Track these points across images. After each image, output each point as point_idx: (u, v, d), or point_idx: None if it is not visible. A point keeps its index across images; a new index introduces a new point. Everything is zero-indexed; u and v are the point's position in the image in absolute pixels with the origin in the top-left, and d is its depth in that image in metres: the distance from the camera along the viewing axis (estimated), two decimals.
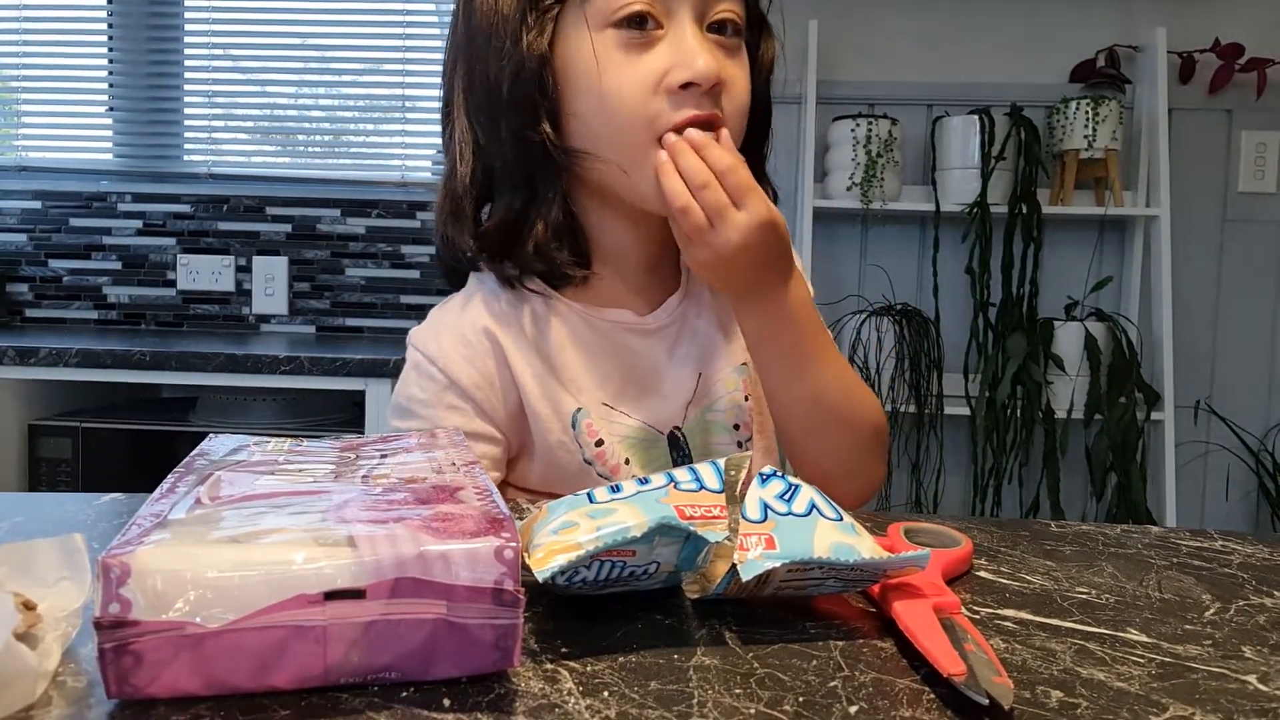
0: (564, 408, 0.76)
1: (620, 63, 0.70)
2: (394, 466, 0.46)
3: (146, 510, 0.38)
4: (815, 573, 0.43)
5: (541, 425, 0.75)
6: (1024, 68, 2.18)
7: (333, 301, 2.34)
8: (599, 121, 0.72)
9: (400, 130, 2.37)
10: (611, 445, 0.76)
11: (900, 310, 2.08)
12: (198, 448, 0.49)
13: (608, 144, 0.72)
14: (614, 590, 0.45)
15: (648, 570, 0.43)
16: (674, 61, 0.69)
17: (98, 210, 2.35)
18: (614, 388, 0.77)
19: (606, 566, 0.42)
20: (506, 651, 0.35)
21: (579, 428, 0.76)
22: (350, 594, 0.33)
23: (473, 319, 0.77)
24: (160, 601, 0.32)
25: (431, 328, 0.79)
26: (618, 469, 0.76)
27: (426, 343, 0.77)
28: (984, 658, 0.37)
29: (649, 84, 0.70)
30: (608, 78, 0.70)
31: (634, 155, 0.71)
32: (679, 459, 0.79)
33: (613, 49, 0.70)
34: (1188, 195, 2.15)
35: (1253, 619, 0.46)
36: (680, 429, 0.79)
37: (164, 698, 0.33)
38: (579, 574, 0.42)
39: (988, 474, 2.03)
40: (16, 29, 2.36)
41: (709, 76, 0.69)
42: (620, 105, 0.70)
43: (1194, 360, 2.20)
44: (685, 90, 0.69)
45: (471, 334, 0.76)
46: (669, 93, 0.69)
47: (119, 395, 2.07)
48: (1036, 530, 0.61)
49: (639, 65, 0.70)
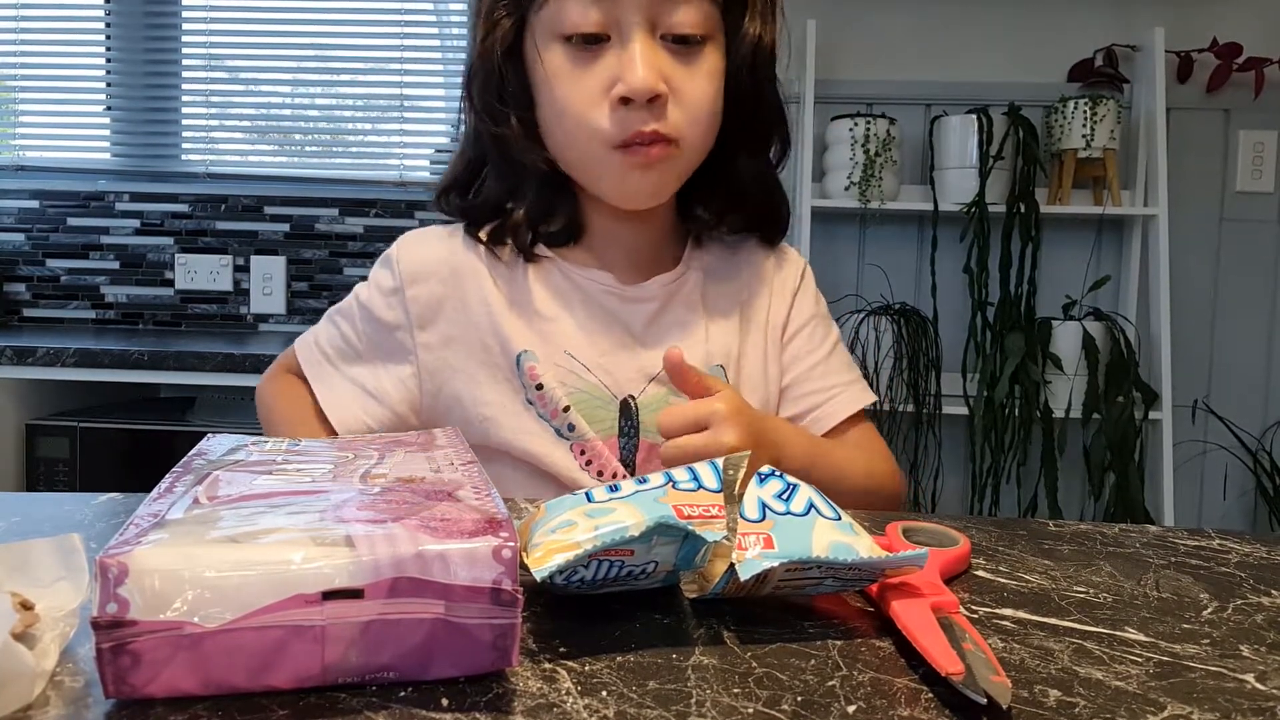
0: (511, 345, 0.79)
1: (568, 75, 0.74)
2: (392, 466, 0.46)
3: (144, 510, 0.38)
4: (813, 572, 0.43)
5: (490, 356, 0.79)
6: (1022, 67, 2.18)
7: (331, 301, 2.31)
8: (557, 127, 0.76)
9: (398, 130, 2.37)
10: (552, 390, 0.78)
11: (898, 310, 2.08)
12: (196, 448, 0.49)
13: (566, 148, 0.77)
14: (612, 590, 0.45)
15: (645, 570, 0.43)
16: (616, 76, 0.72)
17: (95, 210, 2.35)
18: (579, 340, 0.80)
19: (605, 566, 0.42)
20: (505, 651, 0.35)
21: (521, 368, 0.78)
22: (348, 594, 0.33)
23: (449, 247, 0.82)
24: (158, 601, 0.32)
25: (416, 235, 0.85)
26: (555, 413, 0.78)
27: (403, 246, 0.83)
28: (982, 657, 0.37)
29: (593, 97, 0.73)
30: (559, 89, 0.74)
31: (589, 161, 0.76)
32: (625, 427, 0.79)
33: (563, 60, 0.74)
34: (1185, 195, 2.15)
35: (1250, 618, 0.46)
36: (635, 398, 0.80)
37: (161, 697, 0.33)
38: (577, 574, 0.42)
39: (986, 473, 2.03)
40: (14, 28, 2.36)
41: (644, 90, 0.71)
42: (568, 116, 0.74)
43: (1192, 359, 2.20)
44: (625, 104, 0.72)
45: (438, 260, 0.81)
46: (611, 106, 0.72)
47: (117, 395, 2.07)
48: (1034, 529, 0.61)
49: (585, 78, 0.73)
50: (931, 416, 2.06)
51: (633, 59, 0.71)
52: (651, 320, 0.82)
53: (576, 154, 0.77)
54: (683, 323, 0.82)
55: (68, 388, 1.93)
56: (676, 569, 0.45)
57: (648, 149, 0.73)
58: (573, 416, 0.78)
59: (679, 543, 0.43)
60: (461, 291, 0.80)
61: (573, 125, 0.74)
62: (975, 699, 0.35)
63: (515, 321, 0.79)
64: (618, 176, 0.75)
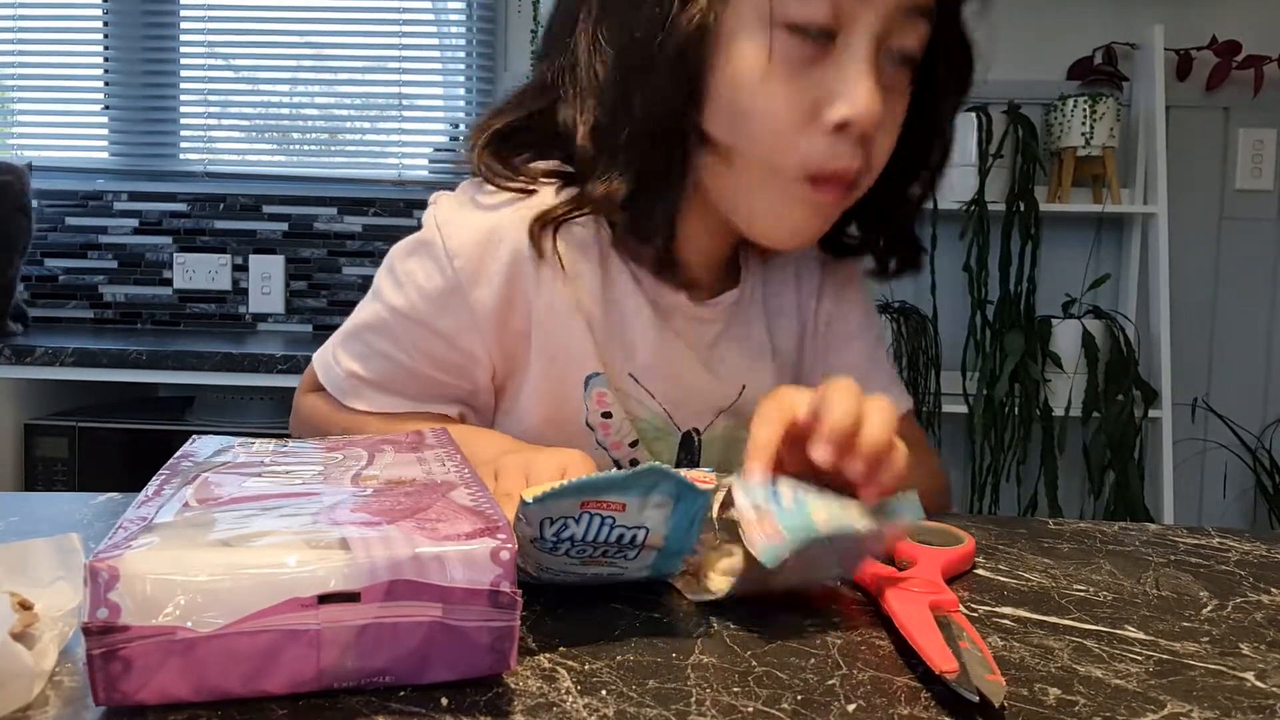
0: (581, 363, 0.67)
1: (781, 76, 0.60)
2: (383, 467, 0.46)
3: (132, 514, 0.37)
4: (813, 552, 0.44)
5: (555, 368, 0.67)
6: (1021, 65, 2.18)
7: (329, 300, 2.33)
8: (743, 127, 0.62)
9: (397, 128, 2.37)
10: (619, 422, 0.69)
11: (898, 308, 2.08)
12: (182, 449, 0.49)
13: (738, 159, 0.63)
14: (601, 567, 0.44)
15: (635, 537, 0.43)
16: (835, 91, 0.60)
17: (94, 209, 2.35)
18: (646, 362, 0.69)
19: (595, 522, 0.41)
20: (503, 655, 0.35)
21: (589, 391, 0.68)
22: (344, 597, 0.33)
23: (514, 238, 0.65)
24: (150, 606, 0.31)
25: (459, 211, 0.67)
26: (618, 445, 0.69)
27: (451, 228, 0.66)
28: (978, 655, 0.37)
29: (803, 112, 0.61)
30: (764, 88, 0.60)
31: (764, 185, 0.63)
32: (685, 461, 0.72)
33: (779, 53, 0.60)
34: (1185, 193, 2.15)
35: (1250, 616, 0.46)
36: (699, 432, 0.72)
37: (152, 704, 0.33)
38: (567, 529, 0.41)
39: (985, 472, 2.03)
40: (12, 28, 2.35)
41: (872, 121, 0.60)
42: (768, 126, 0.61)
43: (1191, 358, 2.20)
44: (839, 132, 0.60)
45: (503, 247, 0.65)
46: (823, 132, 0.60)
47: (115, 394, 2.07)
48: (1034, 528, 0.61)
49: (796, 85, 0.60)
50: (931, 415, 2.06)
51: (863, 77, 0.59)
52: (716, 341, 0.72)
53: (749, 171, 0.63)
54: (753, 344, 0.73)
55: (66, 387, 1.93)
56: (666, 549, 0.44)
57: (838, 189, 0.63)
58: (639, 453, 0.70)
59: (671, 507, 0.42)
60: (523, 285, 0.66)
61: (767, 137, 0.61)
62: (968, 697, 0.35)
63: (581, 333, 0.67)
64: (790, 210, 0.64)
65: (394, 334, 0.68)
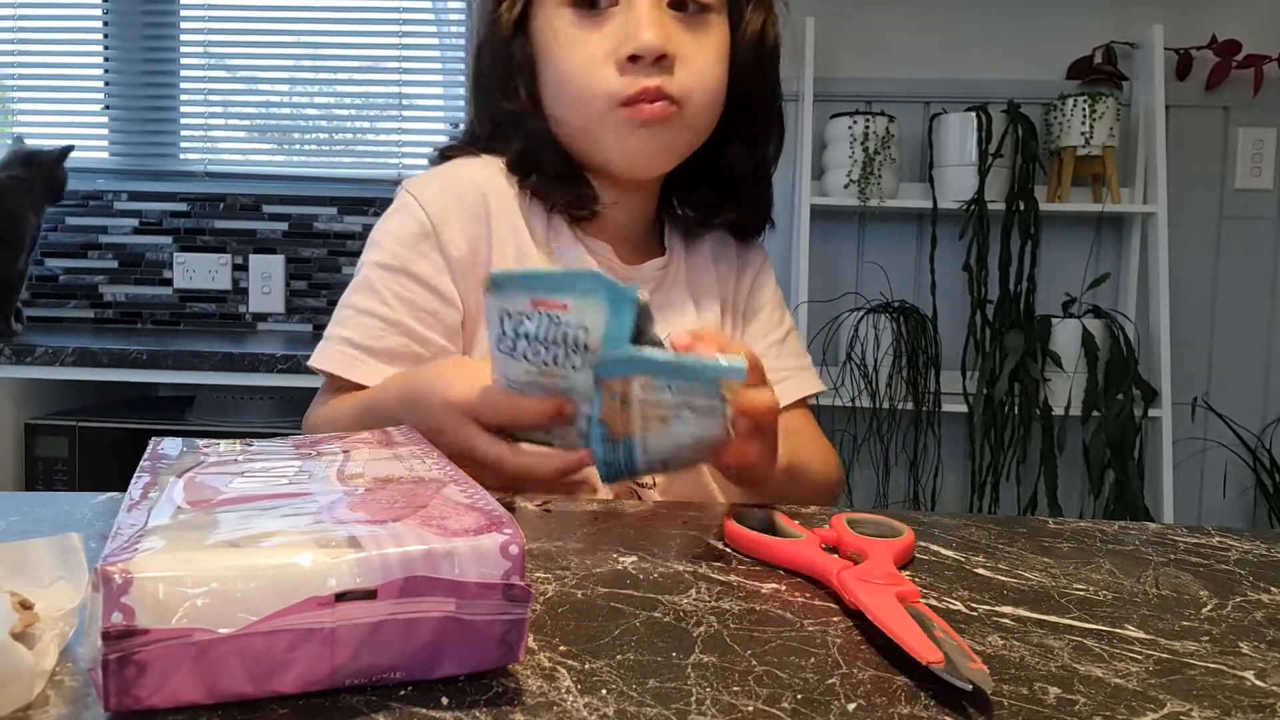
0: None
1: (574, 39, 0.75)
2: (365, 465, 0.46)
3: (125, 519, 0.37)
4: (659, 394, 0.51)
5: None
6: (1021, 65, 2.18)
7: (329, 300, 2.33)
8: (561, 93, 0.76)
9: (397, 128, 2.37)
10: None
11: (898, 308, 2.08)
12: (150, 452, 0.48)
13: (569, 113, 0.77)
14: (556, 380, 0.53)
15: (578, 338, 0.52)
16: (623, 35, 0.73)
17: (94, 209, 2.35)
18: None
19: (545, 321, 0.51)
20: (512, 647, 0.35)
21: None
22: (362, 594, 0.33)
23: (473, 177, 0.79)
24: (163, 609, 0.31)
25: (428, 176, 0.82)
26: None
27: (421, 188, 0.79)
28: (955, 644, 0.37)
29: (598, 58, 0.74)
30: (563, 53, 0.75)
31: (592, 123, 0.76)
32: None
33: (569, 26, 0.75)
34: (1185, 192, 2.15)
35: (1250, 615, 0.46)
36: None
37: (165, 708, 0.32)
38: (523, 325, 0.51)
39: (985, 471, 2.03)
40: (12, 27, 2.35)
41: (652, 48, 0.72)
42: (573, 79, 0.75)
43: (1191, 357, 2.20)
44: (633, 63, 0.73)
45: (468, 192, 0.78)
46: (618, 66, 0.73)
47: (116, 394, 2.07)
48: (1034, 527, 0.61)
49: (590, 41, 0.74)
50: (931, 414, 2.06)
51: (640, 18, 0.72)
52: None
53: (579, 118, 0.76)
54: (678, 307, 0.83)
55: (66, 387, 1.93)
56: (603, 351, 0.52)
57: (652, 105, 0.73)
58: None
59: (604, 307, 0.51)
60: (484, 228, 0.78)
61: (577, 87, 0.75)
62: (959, 686, 0.35)
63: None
64: (621, 135, 0.75)
65: (375, 289, 0.77)
